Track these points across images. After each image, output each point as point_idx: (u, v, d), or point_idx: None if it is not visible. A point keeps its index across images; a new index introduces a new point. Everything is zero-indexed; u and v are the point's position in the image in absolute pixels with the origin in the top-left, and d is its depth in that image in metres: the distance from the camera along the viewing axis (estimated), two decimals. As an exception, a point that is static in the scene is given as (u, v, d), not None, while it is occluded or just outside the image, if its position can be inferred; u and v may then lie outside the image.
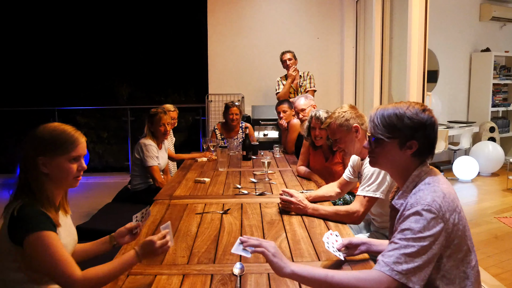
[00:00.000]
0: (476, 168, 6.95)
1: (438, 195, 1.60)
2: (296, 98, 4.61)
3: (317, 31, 7.35)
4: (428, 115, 1.72)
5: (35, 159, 1.78)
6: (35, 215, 1.70)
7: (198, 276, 1.85)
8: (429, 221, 1.55)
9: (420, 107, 1.74)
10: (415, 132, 1.70)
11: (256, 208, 2.85)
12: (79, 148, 1.85)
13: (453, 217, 1.59)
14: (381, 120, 1.75)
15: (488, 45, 8.23)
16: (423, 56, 4.35)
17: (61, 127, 1.85)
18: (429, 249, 1.54)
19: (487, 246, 4.39)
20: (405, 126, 1.71)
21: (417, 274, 1.53)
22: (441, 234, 1.56)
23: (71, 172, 1.83)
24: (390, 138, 1.73)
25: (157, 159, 4.20)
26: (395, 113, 1.73)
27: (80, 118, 9.31)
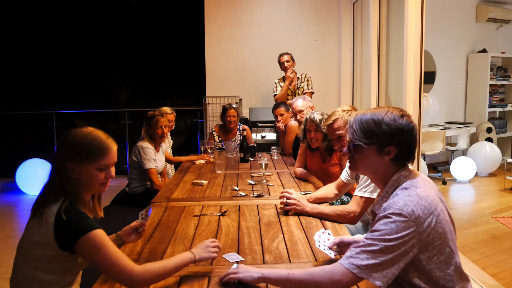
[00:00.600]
0: (474, 168, 6.97)
1: (411, 199, 1.61)
2: (294, 100, 4.62)
3: (314, 33, 7.37)
4: (406, 121, 1.72)
5: (65, 164, 1.78)
6: (81, 216, 1.72)
7: (195, 278, 1.86)
8: (398, 224, 1.55)
9: (398, 112, 1.74)
10: (393, 138, 1.71)
11: (254, 210, 2.85)
12: (109, 157, 1.84)
13: (429, 220, 1.59)
14: (359, 126, 1.75)
15: (484, 46, 8.26)
16: (419, 57, 4.36)
17: (94, 133, 1.84)
18: (395, 250, 1.54)
19: (485, 246, 4.40)
20: (382, 132, 1.71)
21: (379, 271, 1.54)
22: (412, 237, 1.56)
23: (98, 180, 1.83)
24: (368, 144, 1.73)
25: (154, 161, 4.21)
26: (373, 119, 1.73)
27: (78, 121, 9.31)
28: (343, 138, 2.79)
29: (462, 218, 5.36)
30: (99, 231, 1.70)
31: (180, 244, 2.25)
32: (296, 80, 5.95)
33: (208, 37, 7.31)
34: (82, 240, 1.66)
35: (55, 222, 1.70)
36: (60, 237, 1.69)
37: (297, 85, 5.93)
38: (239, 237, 2.35)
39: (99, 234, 1.69)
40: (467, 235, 4.64)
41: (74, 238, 1.67)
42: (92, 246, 1.67)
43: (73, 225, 1.69)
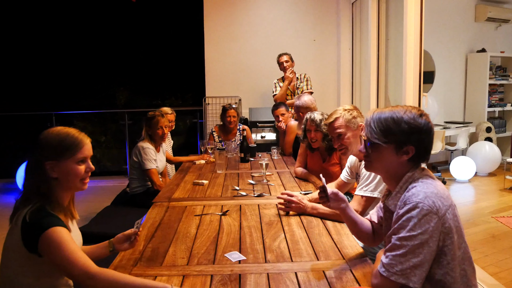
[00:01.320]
0: (473, 168, 6.98)
1: (431, 191, 1.62)
2: (300, 97, 4.55)
3: (313, 33, 7.37)
4: (425, 120, 1.71)
5: (43, 164, 1.79)
6: (46, 216, 1.72)
7: (198, 277, 1.87)
8: (420, 218, 1.56)
9: (417, 111, 1.73)
10: (412, 137, 1.70)
11: (255, 210, 2.86)
12: (85, 150, 1.86)
13: (449, 212, 1.60)
14: (377, 124, 1.73)
15: (483, 45, 8.27)
16: (419, 57, 4.37)
17: (64, 130, 1.86)
18: (424, 246, 1.55)
19: (484, 245, 4.41)
20: (401, 130, 1.70)
21: (415, 272, 1.54)
22: (436, 229, 1.56)
23: (79, 174, 1.84)
24: (387, 142, 1.72)
25: (155, 162, 4.21)
26: (392, 117, 1.72)
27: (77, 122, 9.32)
28: (343, 137, 2.80)
29: (462, 217, 5.32)
30: (59, 228, 1.69)
31: (182, 244, 2.26)
32: (295, 80, 5.97)
33: (208, 37, 7.32)
34: (42, 237, 1.66)
35: (21, 225, 1.71)
36: (26, 239, 1.70)
37: (296, 85, 5.95)
38: (241, 236, 2.36)
39: (58, 231, 1.68)
40: (467, 235, 4.61)
41: (36, 238, 1.67)
42: (51, 243, 1.66)
43: (35, 225, 1.69)
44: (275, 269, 1.93)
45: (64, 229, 1.71)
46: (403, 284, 1.55)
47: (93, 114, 9.68)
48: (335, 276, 1.85)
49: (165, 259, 2.06)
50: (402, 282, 1.55)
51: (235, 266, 1.98)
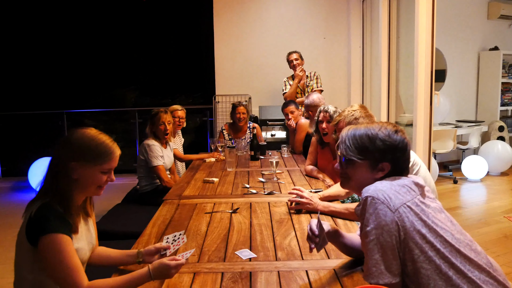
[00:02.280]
0: (485, 167, 6.92)
1: (383, 185, 1.60)
2: (308, 96, 4.56)
3: (323, 31, 7.35)
4: (400, 137, 1.70)
5: (68, 164, 1.78)
6: (52, 216, 1.71)
7: (208, 274, 1.86)
8: (371, 212, 1.55)
9: (392, 128, 1.72)
10: (387, 154, 1.69)
11: (265, 207, 2.86)
12: (113, 161, 1.85)
13: (408, 206, 1.56)
14: (352, 142, 1.72)
15: (496, 43, 8.20)
16: (430, 56, 4.34)
17: (99, 136, 1.85)
18: (379, 241, 1.53)
19: (496, 245, 4.36)
20: (376, 148, 1.69)
21: (380, 269, 1.53)
22: (391, 222, 1.53)
23: (99, 182, 1.84)
24: (362, 159, 1.71)
25: (162, 158, 4.20)
26: (366, 134, 1.71)
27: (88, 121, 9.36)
28: None
29: (474, 217, 5.32)
30: (63, 236, 1.68)
31: (192, 241, 2.26)
32: (305, 78, 5.95)
33: (217, 36, 7.33)
34: (44, 238, 1.65)
35: (28, 218, 1.72)
36: (29, 232, 1.71)
37: (306, 83, 5.93)
38: (251, 234, 2.35)
39: (62, 239, 1.67)
40: (479, 235, 4.61)
41: (37, 235, 1.67)
42: (50, 248, 1.65)
43: (41, 222, 1.69)
44: (286, 267, 1.92)
45: (66, 237, 1.69)
46: (374, 283, 1.54)
47: (103, 112, 9.72)
48: (346, 274, 1.84)
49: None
50: (373, 282, 1.54)
51: (245, 263, 1.97)
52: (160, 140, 4.31)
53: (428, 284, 1.53)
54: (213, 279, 1.82)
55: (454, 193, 6.45)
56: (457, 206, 5.76)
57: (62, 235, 1.67)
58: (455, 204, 5.86)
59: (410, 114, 5.07)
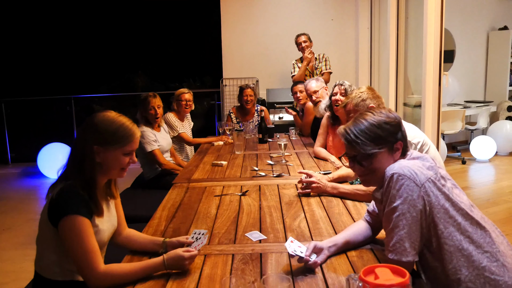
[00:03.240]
0: (494, 147, 6.89)
1: (406, 163, 1.64)
2: (307, 82, 4.58)
3: (331, 13, 7.30)
4: (394, 114, 1.76)
5: (91, 148, 1.80)
6: (73, 198, 1.74)
7: (219, 256, 1.88)
8: (398, 188, 1.57)
9: (383, 109, 1.76)
10: (397, 133, 1.73)
11: (274, 190, 2.87)
12: (133, 143, 1.87)
13: (432, 181, 1.61)
14: (364, 137, 1.72)
15: (506, 23, 8.09)
16: (439, 36, 4.31)
17: (119, 119, 1.87)
18: (406, 216, 1.56)
19: (505, 224, 4.37)
20: (388, 132, 1.72)
21: (404, 246, 1.56)
22: (417, 197, 1.56)
23: (121, 164, 1.86)
24: (381, 148, 1.72)
25: (155, 142, 4.11)
26: (372, 124, 1.72)
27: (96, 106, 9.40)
28: None
29: (482, 197, 5.32)
30: (81, 218, 1.71)
31: (202, 224, 2.28)
32: (314, 61, 5.91)
33: (224, 19, 7.29)
34: (63, 220, 1.69)
35: (51, 199, 1.75)
36: (51, 213, 1.74)
37: (315, 65, 5.90)
38: (261, 216, 2.37)
39: (81, 221, 1.70)
40: (488, 214, 4.59)
41: (58, 216, 1.70)
42: (69, 230, 1.69)
43: (60, 203, 1.72)
44: (296, 248, 1.93)
45: (86, 220, 1.72)
46: (396, 260, 1.56)
47: (111, 97, 9.74)
48: (356, 255, 1.85)
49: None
50: (395, 259, 1.56)
51: (256, 245, 1.99)
52: (151, 125, 4.20)
53: (451, 260, 1.57)
54: (224, 261, 1.84)
55: (463, 174, 6.44)
56: (465, 186, 5.75)
57: (81, 217, 1.71)
58: (464, 184, 5.85)
59: (419, 95, 5.04)
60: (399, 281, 1.24)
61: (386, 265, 1.31)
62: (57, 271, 1.83)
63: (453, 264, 1.57)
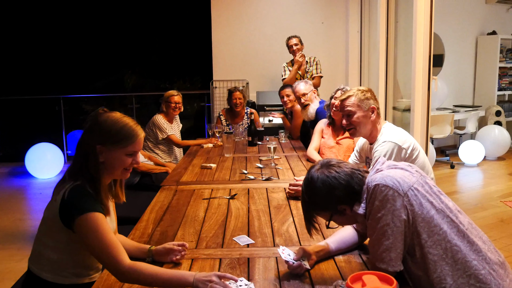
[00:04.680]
0: (482, 152, 6.93)
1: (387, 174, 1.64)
2: (296, 84, 4.57)
3: (321, 16, 7.30)
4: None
5: (94, 147, 1.79)
6: (84, 196, 1.73)
7: (206, 260, 1.87)
8: (380, 199, 1.57)
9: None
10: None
11: (263, 193, 2.86)
12: (136, 144, 1.86)
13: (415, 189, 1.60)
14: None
15: (494, 28, 8.16)
16: (428, 40, 4.33)
17: (123, 119, 1.86)
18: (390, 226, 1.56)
19: (493, 229, 4.40)
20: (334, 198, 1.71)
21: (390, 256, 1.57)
22: (401, 207, 1.56)
23: (124, 165, 1.85)
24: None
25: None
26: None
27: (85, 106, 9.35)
28: (352, 116, 2.71)
29: (470, 202, 5.35)
30: (98, 214, 1.71)
31: (190, 227, 2.27)
32: (305, 64, 5.89)
33: (215, 20, 7.27)
34: (80, 219, 1.68)
35: (61, 199, 1.74)
36: (63, 214, 1.73)
37: (306, 69, 5.87)
38: (249, 220, 2.36)
39: (97, 217, 1.70)
40: (475, 219, 4.63)
41: (73, 216, 1.69)
42: (88, 227, 1.68)
43: (74, 203, 1.71)
44: (284, 253, 1.93)
45: (101, 215, 1.72)
46: (383, 269, 1.55)
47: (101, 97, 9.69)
48: (344, 260, 1.85)
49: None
50: (382, 267, 1.55)
51: (243, 249, 1.98)
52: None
53: (435, 269, 1.56)
54: (211, 265, 1.83)
55: (451, 178, 6.47)
56: (454, 190, 5.78)
57: (98, 214, 1.70)
58: (452, 188, 5.88)
59: (408, 99, 5.07)
60: (386, 288, 1.24)
61: (373, 272, 1.31)
62: (54, 272, 1.82)
63: (437, 273, 1.56)
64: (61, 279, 1.82)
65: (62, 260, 1.81)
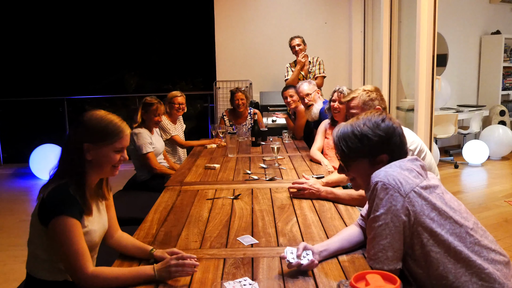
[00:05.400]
0: (486, 152, 6.91)
1: (392, 170, 1.60)
2: (299, 84, 4.58)
3: (324, 16, 7.31)
4: (387, 124, 1.69)
5: (81, 145, 1.80)
6: (64, 199, 1.73)
7: (210, 260, 1.87)
8: (381, 197, 1.55)
9: (378, 116, 1.71)
10: (380, 146, 1.69)
11: (267, 193, 2.86)
12: (123, 140, 1.87)
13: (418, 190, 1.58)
14: (344, 145, 1.72)
15: (498, 27, 8.14)
16: (432, 40, 4.32)
17: (108, 116, 1.87)
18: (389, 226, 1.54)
19: (497, 229, 4.39)
20: (368, 145, 1.69)
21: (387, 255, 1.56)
22: (401, 207, 1.54)
23: (112, 162, 1.85)
24: (355, 160, 1.72)
25: (150, 145, 4.08)
26: (354, 133, 1.70)
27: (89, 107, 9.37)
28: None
29: (474, 201, 5.34)
30: (72, 220, 1.70)
31: (194, 227, 2.27)
32: (308, 64, 5.87)
33: (218, 21, 7.28)
34: (54, 220, 1.68)
35: (42, 199, 1.75)
36: (41, 212, 1.74)
37: (309, 69, 5.86)
38: (253, 220, 2.36)
39: (71, 222, 1.69)
40: (479, 219, 4.57)
41: (49, 216, 1.69)
42: (59, 231, 1.68)
43: (53, 203, 1.72)
44: (288, 253, 1.93)
45: (76, 221, 1.71)
46: (378, 269, 1.55)
47: (104, 98, 9.72)
48: (348, 260, 1.85)
49: (178, 243, 2.08)
50: (377, 267, 1.55)
51: (247, 249, 1.98)
52: (149, 128, 4.20)
53: (437, 267, 1.54)
54: (215, 265, 1.83)
55: (455, 178, 6.46)
56: (458, 190, 5.77)
57: (71, 219, 1.70)
58: (456, 188, 5.87)
59: (412, 99, 5.06)
60: (390, 287, 1.24)
61: (377, 272, 1.31)
62: (49, 271, 1.83)
63: (439, 271, 1.55)
64: (53, 276, 1.83)
65: (51, 258, 1.81)
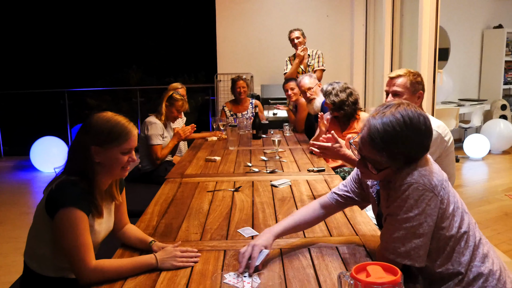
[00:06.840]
0: (487, 146, 6.91)
1: (424, 169, 1.58)
2: (300, 78, 4.54)
3: (326, 9, 7.28)
4: (429, 129, 1.60)
5: (89, 148, 1.79)
6: (74, 191, 1.73)
7: (211, 252, 1.88)
8: (416, 198, 1.53)
9: (425, 121, 1.59)
10: (418, 149, 1.61)
11: (267, 186, 2.87)
12: (131, 141, 1.86)
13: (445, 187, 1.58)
14: (385, 147, 1.58)
15: (500, 21, 8.11)
16: (434, 34, 4.31)
17: (115, 118, 1.85)
18: (423, 226, 1.53)
19: (497, 223, 4.39)
20: (406, 149, 1.58)
21: (419, 253, 1.54)
22: (435, 207, 1.54)
23: (121, 163, 1.85)
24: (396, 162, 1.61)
25: (161, 137, 4.07)
26: (401, 139, 1.56)
27: (90, 100, 9.36)
28: (399, 97, 2.49)
29: (475, 195, 5.34)
30: (80, 212, 1.70)
31: (195, 219, 2.27)
32: (307, 58, 5.78)
33: (219, 14, 7.26)
34: (62, 211, 1.68)
35: (50, 190, 1.75)
36: (48, 204, 1.73)
37: (308, 62, 5.78)
38: (253, 212, 2.36)
39: (78, 215, 1.69)
40: (480, 213, 4.63)
41: (56, 207, 1.69)
42: (65, 222, 1.68)
43: (60, 194, 1.71)
44: (288, 245, 1.93)
45: (83, 215, 1.71)
46: (409, 265, 1.55)
47: (106, 92, 9.70)
48: (348, 252, 1.85)
49: (179, 235, 2.08)
50: (408, 263, 1.55)
51: (248, 241, 1.98)
52: (164, 120, 4.20)
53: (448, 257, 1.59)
54: (216, 257, 1.83)
55: (456, 172, 6.42)
56: (459, 184, 5.77)
57: (78, 211, 1.70)
58: (457, 182, 5.87)
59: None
60: (391, 279, 1.24)
61: (377, 263, 1.31)
62: (49, 266, 1.83)
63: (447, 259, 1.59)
64: (53, 272, 1.83)
65: (54, 254, 1.81)
